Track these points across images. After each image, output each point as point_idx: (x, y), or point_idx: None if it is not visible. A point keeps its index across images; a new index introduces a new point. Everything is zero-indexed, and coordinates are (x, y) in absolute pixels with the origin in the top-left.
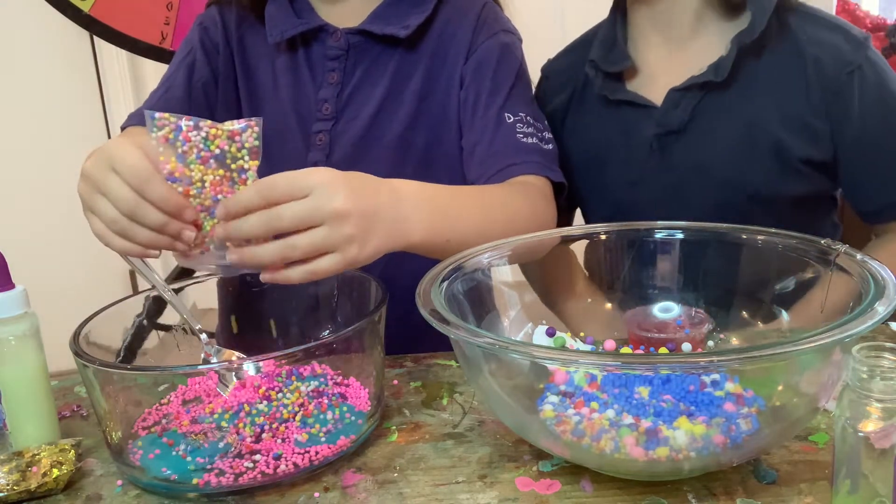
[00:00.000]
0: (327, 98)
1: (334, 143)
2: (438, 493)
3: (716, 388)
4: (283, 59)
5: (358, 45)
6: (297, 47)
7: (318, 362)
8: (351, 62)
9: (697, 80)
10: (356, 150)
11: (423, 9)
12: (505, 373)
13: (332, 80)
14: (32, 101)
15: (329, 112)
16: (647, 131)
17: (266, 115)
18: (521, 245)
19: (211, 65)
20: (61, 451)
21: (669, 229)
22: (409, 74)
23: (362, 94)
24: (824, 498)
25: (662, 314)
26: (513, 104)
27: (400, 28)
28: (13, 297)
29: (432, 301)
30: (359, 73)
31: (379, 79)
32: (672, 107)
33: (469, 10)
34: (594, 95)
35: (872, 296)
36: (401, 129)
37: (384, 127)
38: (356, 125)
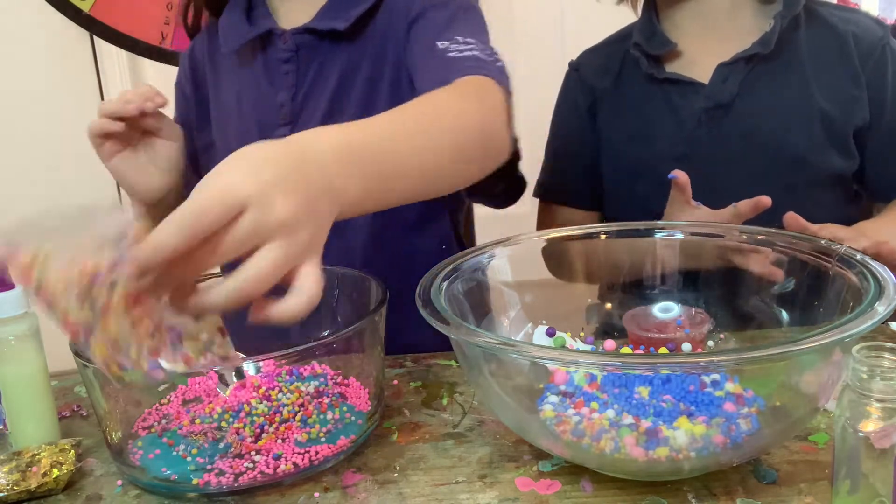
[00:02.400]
0: (284, 102)
1: None
2: (438, 493)
3: (716, 388)
4: (243, 72)
5: (306, 44)
6: (250, 55)
7: (318, 362)
8: (304, 62)
9: (745, 54)
10: None
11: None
12: (505, 373)
13: (288, 82)
14: (32, 101)
15: (286, 116)
16: (695, 106)
17: (231, 129)
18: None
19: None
20: (61, 451)
21: (669, 229)
22: (357, 65)
23: (316, 92)
24: (824, 498)
25: (662, 314)
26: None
27: (341, 21)
28: (13, 297)
29: (432, 301)
30: (311, 73)
31: (330, 75)
32: (720, 81)
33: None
34: (636, 77)
35: (872, 296)
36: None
37: (337, 120)
38: (312, 125)
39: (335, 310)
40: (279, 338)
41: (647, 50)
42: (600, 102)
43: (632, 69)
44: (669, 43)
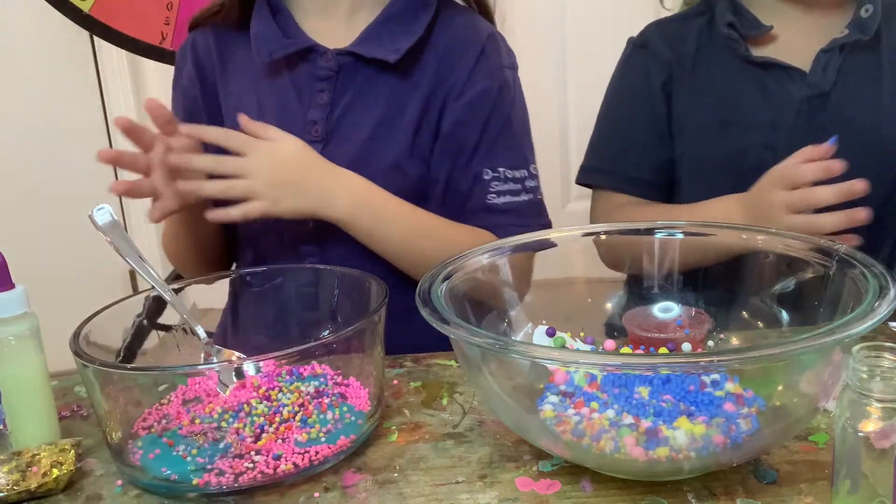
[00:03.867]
0: (317, 119)
1: None
2: (438, 493)
3: (716, 388)
4: (267, 80)
5: (348, 66)
6: (281, 67)
7: (318, 362)
8: (341, 83)
9: (844, 40)
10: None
11: (413, 30)
12: (505, 373)
13: (322, 100)
14: (32, 101)
15: (319, 134)
16: (795, 94)
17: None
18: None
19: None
20: (61, 451)
21: (669, 229)
22: (404, 102)
23: (353, 116)
24: (824, 498)
25: (662, 314)
26: (495, 157)
27: (390, 52)
28: (13, 297)
29: (432, 301)
30: (349, 95)
31: (372, 103)
32: (820, 68)
33: (471, 41)
34: (719, 59)
35: (872, 296)
36: (394, 157)
37: (377, 154)
38: (348, 149)
39: (335, 310)
40: (279, 338)
41: (740, 30)
42: (678, 82)
43: (711, 49)
44: (763, 25)
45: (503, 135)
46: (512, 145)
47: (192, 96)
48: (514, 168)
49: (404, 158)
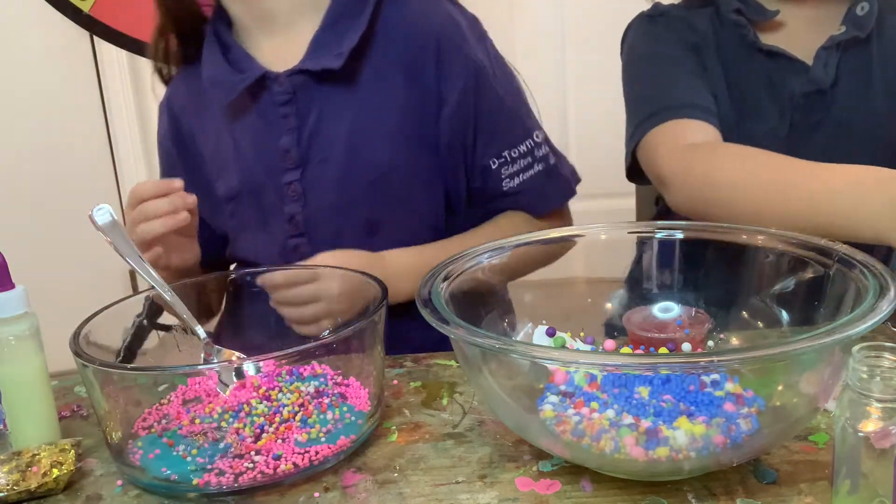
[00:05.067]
0: (289, 146)
1: (308, 191)
2: (438, 493)
3: (716, 388)
4: (238, 119)
5: (303, 85)
6: (245, 102)
7: (318, 362)
8: (302, 103)
9: (841, 38)
10: (332, 195)
11: (357, 25)
12: (505, 373)
13: (289, 125)
14: (32, 101)
15: (294, 160)
16: (795, 88)
17: (236, 180)
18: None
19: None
20: (61, 451)
21: (669, 229)
22: (373, 107)
23: (324, 134)
24: (824, 498)
25: (662, 314)
26: (495, 143)
27: (333, 57)
28: (13, 297)
29: (432, 301)
30: (314, 114)
31: (338, 116)
32: (821, 65)
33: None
34: (732, 44)
35: (872, 296)
36: (377, 169)
37: (358, 169)
38: (328, 169)
39: None
40: (279, 338)
41: (747, 15)
42: (704, 60)
43: (722, 38)
44: (769, 10)
45: (496, 119)
46: (508, 123)
47: (171, 155)
48: (518, 144)
49: (388, 166)
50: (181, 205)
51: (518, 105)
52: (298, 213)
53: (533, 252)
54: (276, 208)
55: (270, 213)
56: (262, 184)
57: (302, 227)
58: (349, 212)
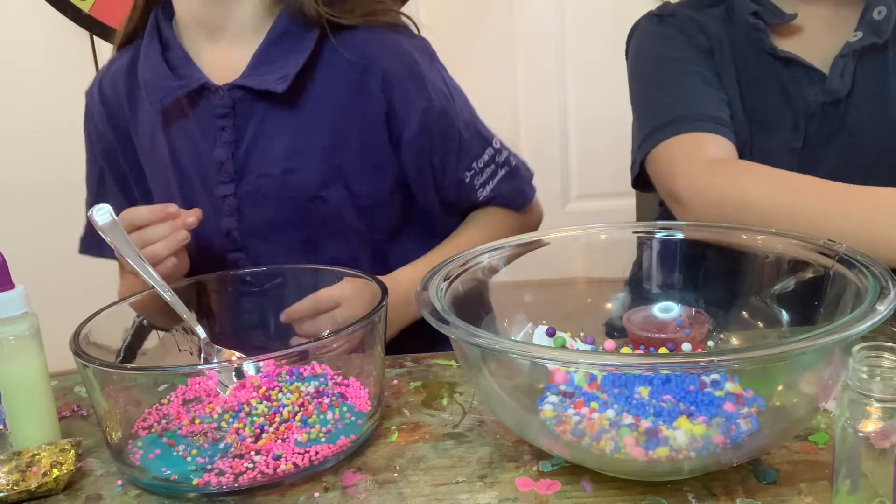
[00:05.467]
0: (223, 159)
1: (243, 206)
2: (438, 493)
3: (716, 388)
4: (174, 123)
5: (242, 100)
6: (183, 106)
7: (318, 362)
8: (240, 118)
9: (859, 45)
10: (267, 212)
11: (298, 51)
12: (505, 373)
13: (225, 138)
14: (32, 101)
15: (229, 174)
16: (810, 98)
17: (171, 186)
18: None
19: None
20: (61, 451)
21: (669, 229)
22: (310, 128)
23: (260, 150)
24: (824, 498)
25: (662, 314)
26: (463, 158)
27: (277, 80)
28: (13, 297)
29: (432, 301)
30: (252, 129)
31: (277, 134)
32: (838, 74)
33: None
34: (746, 50)
35: (872, 296)
36: (313, 187)
37: (294, 186)
38: (263, 184)
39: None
40: (279, 338)
41: (767, 20)
42: (717, 65)
43: (735, 41)
44: (786, 14)
45: (461, 136)
46: (470, 136)
47: (108, 141)
48: (482, 153)
49: (321, 188)
50: (180, 225)
51: (473, 117)
52: (234, 228)
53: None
54: (211, 221)
55: (206, 226)
56: (197, 193)
57: (239, 242)
58: (285, 230)
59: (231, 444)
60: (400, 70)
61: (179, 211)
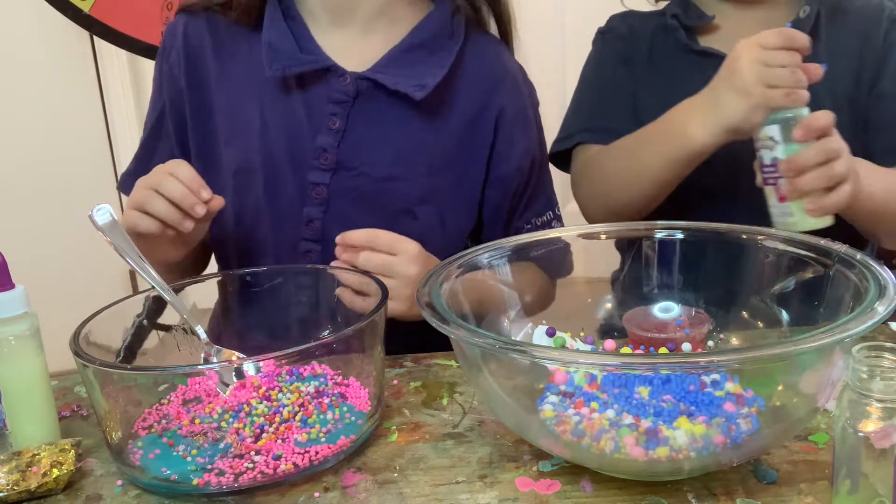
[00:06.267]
0: (326, 146)
1: (333, 198)
2: (438, 493)
3: (716, 388)
4: (274, 94)
5: (366, 93)
6: (292, 84)
7: (318, 362)
8: (357, 110)
9: None
10: (356, 211)
11: (441, 63)
12: (505, 373)
13: (334, 125)
14: (32, 101)
15: (328, 162)
16: None
17: (254, 156)
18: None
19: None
20: (61, 451)
21: (669, 229)
22: (425, 140)
23: (367, 147)
24: (824, 498)
25: (662, 314)
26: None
27: (416, 87)
28: (13, 297)
29: (432, 301)
30: (364, 123)
31: (389, 138)
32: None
33: (503, 83)
34: (669, 50)
35: (872, 296)
36: (409, 201)
37: (391, 195)
38: (359, 184)
39: (335, 310)
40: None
41: (683, 21)
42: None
43: (663, 43)
44: (706, 15)
45: (538, 187)
46: (542, 192)
47: (177, 87)
48: (543, 213)
49: (417, 203)
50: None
51: (547, 172)
52: (318, 218)
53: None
54: (293, 205)
55: (286, 208)
56: (284, 173)
57: (319, 233)
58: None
59: (231, 444)
60: (513, 110)
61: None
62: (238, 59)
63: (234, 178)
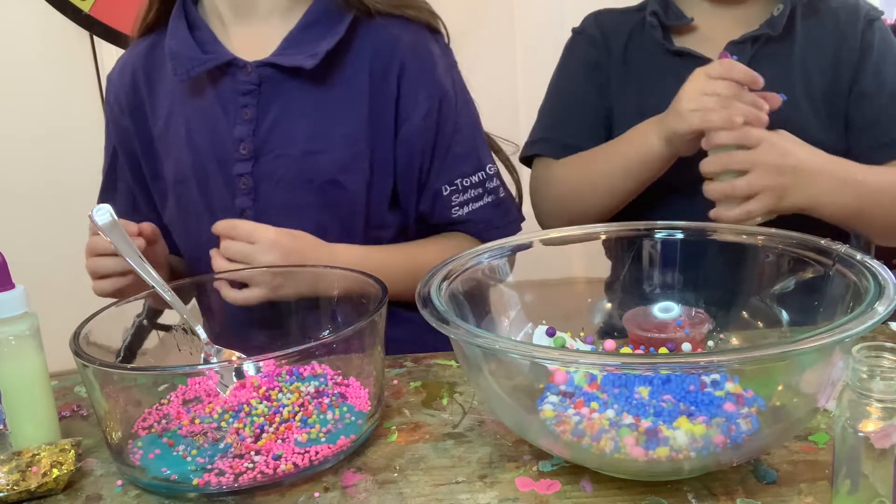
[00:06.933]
0: (243, 137)
1: (259, 185)
2: (438, 493)
3: (716, 388)
4: (193, 101)
5: (270, 78)
6: (204, 84)
7: (318, 362)
8: (265, 96)
9: (754, 34)
10: (284, 193)
11: (332, 33)
12: (505, 373)
13: (247, 116)
14: (32, 100)
15: (248, 152)
16: None
17: (184, 164)
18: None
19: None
20: (61, 451)
21: (669, 229)
22: (336, 113)
23: (282, 131)
24: (824, 498)
25: (662, 314)
26: (449, 170)
27: (307, 57)
28: (13, 297)
29: (432, 301)
30: (275, 108)
31: (300, 115)
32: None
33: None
34: (645, 49)
35: (872, 296)
36: (331, 171)
37: (312, 169)
38: (281, 164)
39: (335, 310)
40: (279, 338)
41: (663, 20)
42: (610, 70)
43: (640, 40)
44: (685, 16)
45: (453, 147)
46: (464, 152)
47: (122, 126)
48: (471, 174)
49: (341, 172)
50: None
51: (474, 136)
52: (249, 207)
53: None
54: (225, 200)
55: (219, 205)
56: (212, 171)
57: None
58: (299, 212)
59: (231, 444)
60: (415, 66)
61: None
62: (163, 79)
63: (173, 190)
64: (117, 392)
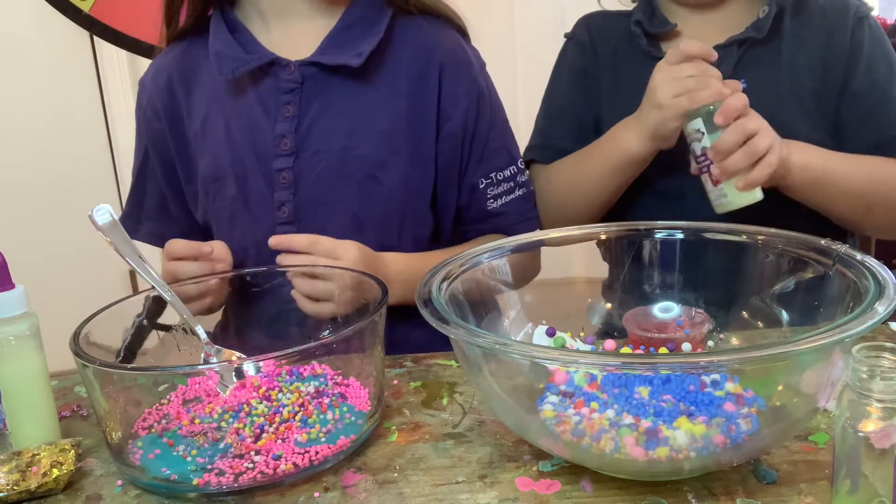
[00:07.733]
0: (285, 133)
1: (299, 180)
2: (438, 493)
3: (716, 388)
4: (233, 100)
5: (312, 77)
6: (245, 84)
7: (318, 362)
8: (307, 94)
9: (739, 37)
10: (322, 187)
11: (375, 30)
12: (505, 373)
13: (288, 113)
14: (32, 100)
15: (288, 147)
16: None
17: (222, 160)
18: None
19: (164, 154)
20: (61, 451)
21: (669, 229)
22: (374, 110)
23: (322, 127)
24: (824, 498)
25: (662, 314)
26: (485, 165)
27: (352, 56)
28: (13, 297)
29: (432, 301)
30: (316, 105)
31: (340, 113)
32: (716, 64)
33: (440, 51)
34: (632, 55)
35: (872, 296)
36: (368, 167)
37: (351, 164)
38: (320, 160)
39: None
40: (279, 338)
41: (647, 28)
42: (598, 72)
43: (627, 47)
44: (669, 23)
45: (489, 142)
46: (498, 147)
47: (156, 129)
48: (504, 168)
49: (378, 168)
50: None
51: (506, 132)
52: (289, 200)
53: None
54: (264, 194)
55: (257, 199)
56: (251, 167)
57: (292, 215)
58: (337, 206)
59: (231, 444)
60: (455, 65)
61: (213, 249)
62: (199, 81)
63: (210, 187)
64: (117, 392)
